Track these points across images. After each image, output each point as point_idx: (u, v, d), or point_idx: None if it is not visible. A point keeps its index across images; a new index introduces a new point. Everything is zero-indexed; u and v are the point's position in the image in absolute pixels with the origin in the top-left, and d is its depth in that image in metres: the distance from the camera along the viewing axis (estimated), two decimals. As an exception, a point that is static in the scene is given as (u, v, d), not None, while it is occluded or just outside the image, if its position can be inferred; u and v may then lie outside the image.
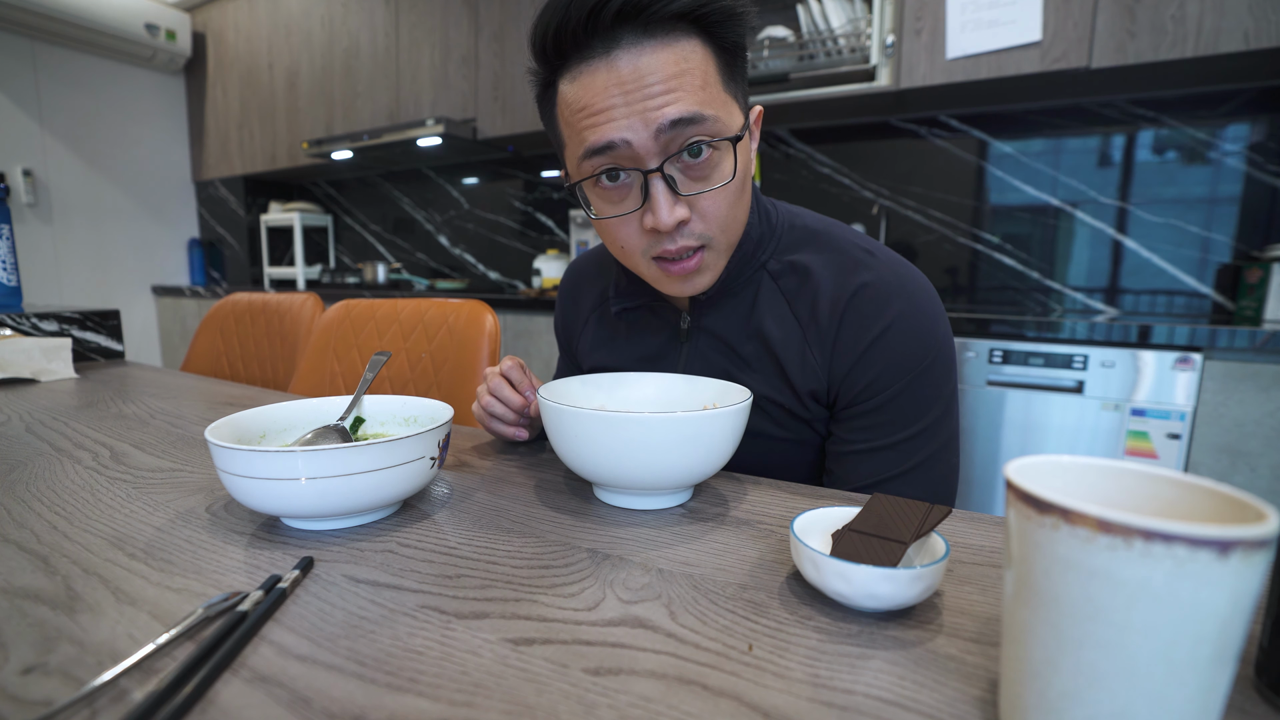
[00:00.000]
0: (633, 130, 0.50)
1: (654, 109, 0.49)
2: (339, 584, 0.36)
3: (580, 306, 0.78)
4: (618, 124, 0.50)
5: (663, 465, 0.44)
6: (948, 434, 0.59)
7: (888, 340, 0.57)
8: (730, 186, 0.53)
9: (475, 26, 2.38)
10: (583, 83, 0.51)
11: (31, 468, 0.58)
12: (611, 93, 0.49)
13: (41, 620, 0.32)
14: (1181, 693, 0.20)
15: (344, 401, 0.58)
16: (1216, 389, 1.22)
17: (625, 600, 0.34)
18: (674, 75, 0.49)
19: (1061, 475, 0.25)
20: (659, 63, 0.49)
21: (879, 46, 1.67)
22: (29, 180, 2.89)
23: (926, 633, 0.31)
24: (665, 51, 0.49)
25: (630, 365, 0.70)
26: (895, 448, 0.58)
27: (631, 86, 0.49)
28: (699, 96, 0.50)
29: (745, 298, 0.63)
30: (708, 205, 0.53)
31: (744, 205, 0.57)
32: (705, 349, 0.65)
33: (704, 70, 0.50)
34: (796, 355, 0.59)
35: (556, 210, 2.70)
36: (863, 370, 0.57)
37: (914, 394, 0.57)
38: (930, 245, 1.96)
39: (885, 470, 0.58)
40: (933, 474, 0.58)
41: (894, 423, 0.58)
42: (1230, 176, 1.59)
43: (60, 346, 1.10)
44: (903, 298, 0.57)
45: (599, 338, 0.74)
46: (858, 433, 0.59)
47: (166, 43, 3.17)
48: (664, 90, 0.49)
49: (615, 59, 0.49)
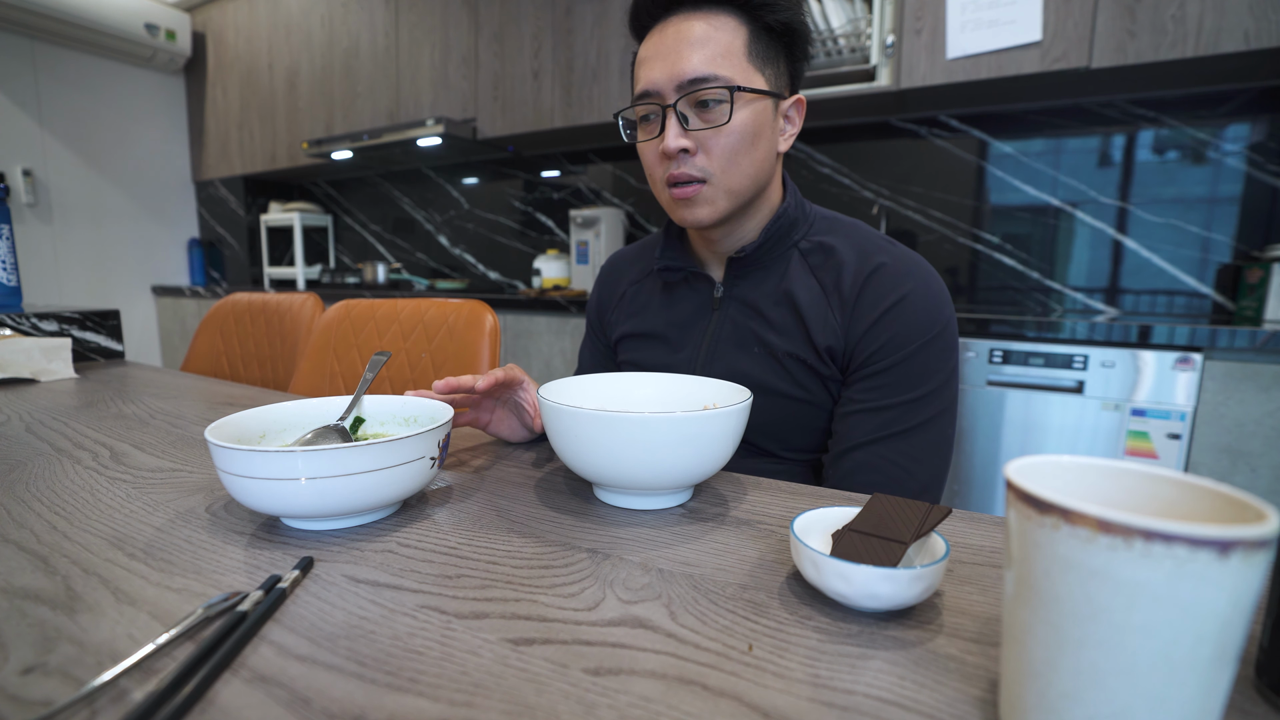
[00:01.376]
0: (660, 79, 0.64)
1: (679, 64, 0.63)
2: (339, 584, 0.36)
3: (619, 283, 0.87)
4: (655, 73, 0.65)
5: (663, 465, 0.44)
6: (944, 404, 0.66)
7: (899, 310, 0.65)
8: (729, 129, 0.64)
9: (475, 26, 2.38)
10: (647, 41, 0.68)
11: (31, 468, 0.58)
12: (658, 47, 0.65)
13: (41, 620, 0.32)
14: (1181, 693, 0.20)
15: (344, 401, 0.58)
16: (1217, 389, 1.22)
17: (625, 600, 0.34)
18: (701, 39, 0.63)
19: (1061, 475, 0.25)
20: (693, 31, 0.63)
21: (879, 46, 1.67)
22: (29, 180, 2.89)
23: (926, 633, 0.31)
24: (701, 23, 0.64)
25: (660, 328, 0.78)
26: (894, 409, 0.64)
27: (671, 42, 0.64)
28: (717, 61, 0.63)
29: (776, 270, 0.72)
30: (711, 143, 0.65)
31: (754, 159, 0.67)
32: (735, 314, 0.73)
33: (730, 41, 0.63)
34: (820, 315, 0.68)
35: (556, 210, 2.70)
36: (875, 335, 0.65)
37: (918, 361, 0.64)
38: (930, 245, 1.96)
39: (883, 429, 0.64)
40: (927, 437, 0.65)
41: (897, 384, 0.64)
42: (1230, 176, 1.59)
43: (60, 346, 1.10)
44: (915, 278, 0.66)
45: (634, 307, 0.83)
46: (864, 393, 0.66)
47: (166, 43, 3.17)
48: (690, 50, 0.63)
49: (667, 25, 0.65)
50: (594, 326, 0.90)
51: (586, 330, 0.92)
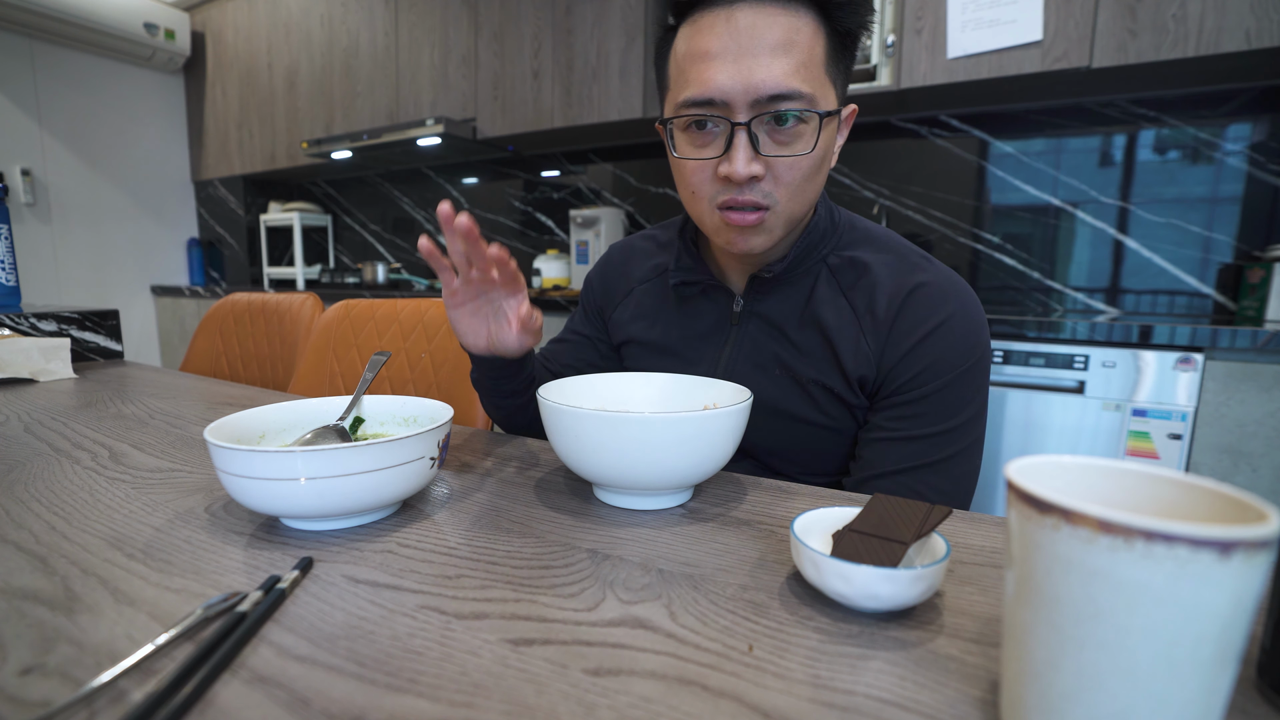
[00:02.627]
0: (731, 87, 0.53)
1: (758, 72, 0.53)
2: (338, 584, 0.36)
3: (628, 275, 0.78)
4: (722, 77, 0.53)
5: (663, 465, 0.44)
6: (974, 436, 0.61)
7: (939, 336, 0.59)
8: (808, 159, 0.56)
9: (475, 26, 2.38)
10: (701, 27, 0.55)
11: (30, 468, 0.58)
12: (725, 42, 0.53)
13: (40, 621, 0.32)
14: (1182, 694, 0.19)
15: (344, 401, 0.58)
16: (1218, 389, 1.22)
17: (625, 601, 0.34)
18: (783, 43, 0.53)
19: (1062, 475, 0.25)
20: (773, 27, 0.52)
21: (879, 46, 1.67)
22: (28, 180, 2.89)
23: (927, 633, 0.31)
24: (783, 18, 0.53)
25: (674, 343, 0.71)
26: (926, 439, 0.60)
27: (745, 40, 0.53)
28: (801, 73, 0.53)
29: (803, 287, 0.65)
30: (782, 170, 0.56)
31: (816, 184, 0.60)
32: (756, 333, 0.66)
33: (811, 47, 0.54)
34: (851, 342, 0.62)
35: (556, 210, 2.70)
36: (912, 362, 0.60)
37: (954, 391, 0.60)
38: (931, 245, 1.96)
39: (912, 459, 0.60)
40: (955, 471, 0.60)
41: (930, 415, 0.60)
42: (1232, 176, 1.59)
43: (59, 346, 1.10)
44: (956, 300, 0.61)
45: (643, 308, 0.75)
46: (894, 421, 0.61)
47: (166, 42, 3.17)
48: (770, 56, 0.52)
49: (736, 11, 0.53)
50: (592, 308, 0.80)
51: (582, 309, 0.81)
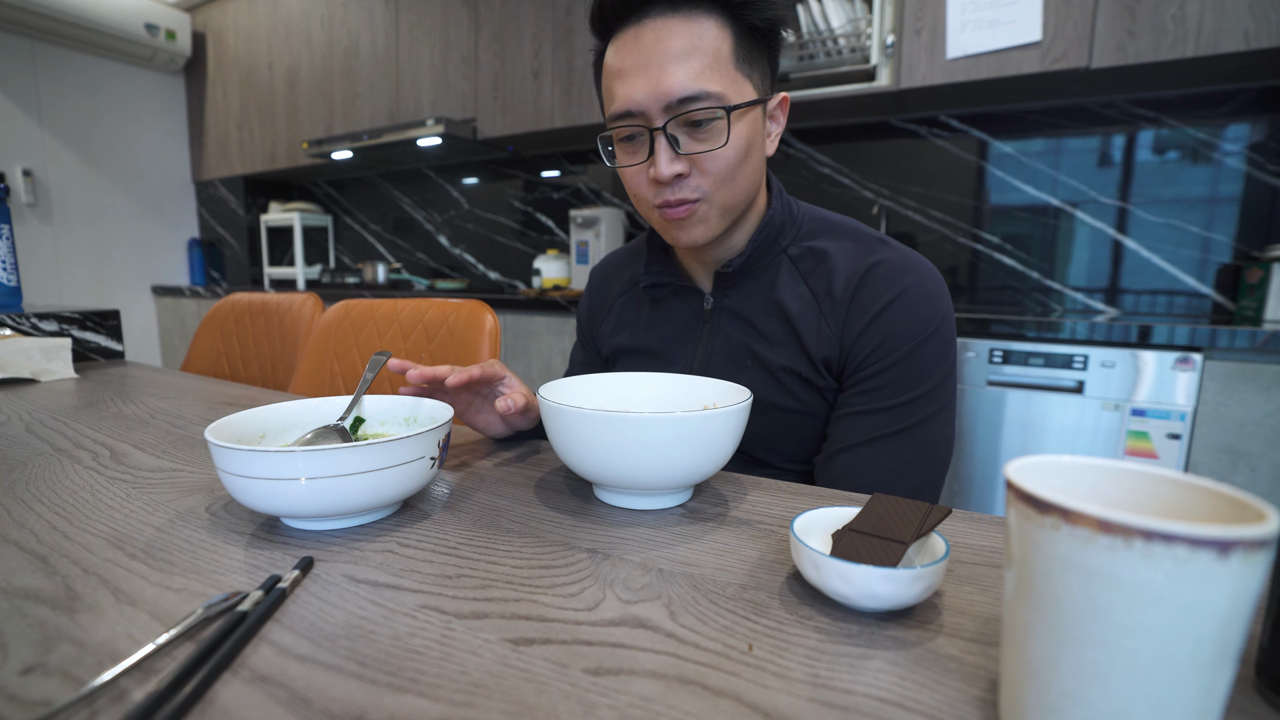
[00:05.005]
0: (644, 98, 0.58)
1: (665, 80, 0.57)
2: (339, 584, 0.36)
3: (608, 292, 0.83)
4: (635, 90, 0.58)
5: (663, 465, 0.44)
6: (942, 403, 0.63)
7: (895, 309, 0.62)
8: (725, 151, 0.59)
9: (475, 26, 2.38)
10: (618, 47, 0.60)
11: (31, 468, 0.58)
12: (635, 57, 0.58)
13: (41, 620, 0.32)
14: (1182, 693, 0.20)
15: (344, 401, 0.58)
16: (1217, 389, 1.22)
17: (625, 600, 0.34)
18: (686, 50, 0.56)
19: (1061, 475, 0.25)
20: (676, 36, 0.57)
21: (879, 46, 1.67)
22: (29, 180, 2.89)
23: (927, 633, 0.31)
24: (683, 27, 0.57)
25: (653, 345, 0.74)
26: (890, 410, 0.62)
27: (650, 53, 0.57)
28: (707, 74, 0.57)
29: (766, 279, 0.68)
30: (706, 164, 0.60)
31: (747, 172, 0.62)
32: (726, 326, 0.70)
33: (716, 49, 0.57)
34: (813, 325, 0.65)
35: (556, 210, 2.70)
36: (870, 335, 0.62)
37: (915, 361, 0.62)
38: (930, 245, 1.96)
39: (877, 430, 0.62)
40: (924, 437, 0.62)
41: (892, 387, 0.62)
42: (1231, 176, 1.59)
43: (60, 346, 1.10)
44: (912, 275, 0.63)
45: (623, 320, 0.79)
46: (859, 396, 0.63)
47: (166, 43, 3.17)
48: (675, 63, 0.56)
49: (643, 29, 0.58)
50: (584, 332, 0.87)
51: (579, 336, 0.89)
